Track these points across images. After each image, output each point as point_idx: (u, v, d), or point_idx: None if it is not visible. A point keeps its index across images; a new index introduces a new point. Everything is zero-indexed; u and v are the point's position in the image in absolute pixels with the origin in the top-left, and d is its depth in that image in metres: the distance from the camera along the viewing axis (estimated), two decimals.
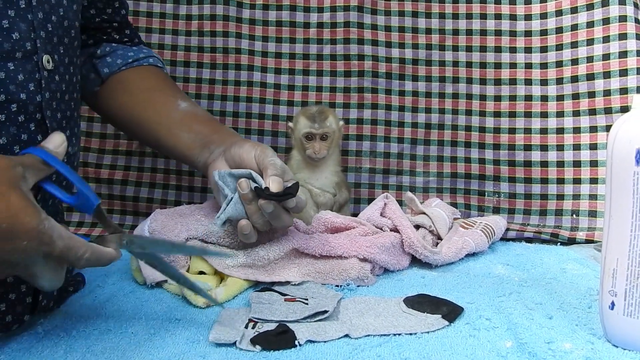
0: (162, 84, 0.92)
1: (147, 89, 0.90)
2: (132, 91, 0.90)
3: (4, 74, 0.62)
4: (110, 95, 0.90)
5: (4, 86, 0.62)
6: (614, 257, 0.58)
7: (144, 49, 0.96)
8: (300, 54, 1.18)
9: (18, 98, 0.63)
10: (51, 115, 0.68)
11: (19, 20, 0.63)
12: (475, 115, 1.14)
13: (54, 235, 0.55)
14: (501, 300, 0.72)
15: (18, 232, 0.52)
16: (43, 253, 0.55)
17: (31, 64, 0.65)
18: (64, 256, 0.56)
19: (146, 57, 0.94)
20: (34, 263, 0.55)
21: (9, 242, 0.52)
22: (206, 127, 0.87)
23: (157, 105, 0.89)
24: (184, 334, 0.64)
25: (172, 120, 0.87)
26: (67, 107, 0.73)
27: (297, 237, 0.81)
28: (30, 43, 0.65)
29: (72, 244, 0.56)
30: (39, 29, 0.66)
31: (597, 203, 1.07)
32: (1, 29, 0.62)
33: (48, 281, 0.57)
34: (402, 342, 0.61)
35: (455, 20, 1.14)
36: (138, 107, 0.89)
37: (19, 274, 0.56)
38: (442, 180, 1.16)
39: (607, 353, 0.58)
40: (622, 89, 1.05)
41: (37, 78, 0.66)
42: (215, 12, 1.18)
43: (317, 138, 1.00)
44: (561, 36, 1.10)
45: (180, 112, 0.87)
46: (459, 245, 0.90)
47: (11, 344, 0.63)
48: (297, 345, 0.60)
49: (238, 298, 0.76)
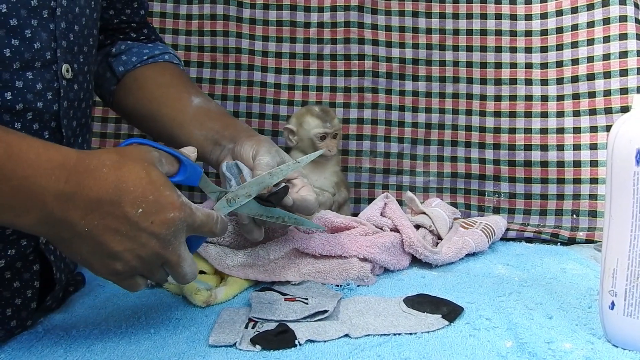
0: (177, 80, 0.91)
1: (162, 86, 0.89)
2: (147, 88, 0.89)
3: (22, 83, 0.62)
4: (126, 93, 0.89)
5: (22, 95, 0.62)
6: (614, 257, 0.58)
7: (159, 45, 0.95)
8: (300, 53, 1.18)
9: (35, 107, 0.63)
10: (67, 124, 0.68)
11: (41, 29, 0.63)
12: (475, 115, 1.14)
13: (192, 207, 0.58)
14: (501, 300, 0.72)
15: (164, 204, 0.55)
16: (186, 225, 0.57)
17: (50, 73, 0.65)
18: (203, 226, 0.59)
19: (162, 53, 0.92)
20: (180, 241, 0.57)
21: (158, 214, 0.55)
22: (218, 123, 0.85)
23: (171, 101, 0.88)
24: (184, 334, 0.64)
25: (186, 117, 0.86)
26: (83, 115, 0.73)
27: (297, 237, 0.81)
28: (50, 52, 0.65)
29: (207, 212, 0.60)
30: (61, 39, 0.66)
31: (597, 203, 1.07)
32: (23, 39, 0.61)
33: (189, 266, 0.59)
34: (402, 342, 0.61)
35: (455, 20, 1.14)
36: (152, 104, 0.88)
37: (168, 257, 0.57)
38: (442, 180, 1.16)
39: (607, 353, 0.58)
40: (623, 89, 1.05)
41: (56, 87, 0.66)
42: (215, 12, 1.18)
43: (329, 137, 1.02)
44: (561, 36, 1.10)
45: (193, 108, 0.86)
46: (459, 245, 0.90)
47: (11, 343, 0.63)
48: (297, 345, 0.60)
49: (238, 297, 0.76)
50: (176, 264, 0.58)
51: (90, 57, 0.74)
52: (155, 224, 0.55)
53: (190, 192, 1.19)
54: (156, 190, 0.55)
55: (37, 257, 0.67)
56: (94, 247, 0.54)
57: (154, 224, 0.55)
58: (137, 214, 0.54)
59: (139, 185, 0.54)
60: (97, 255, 0.55)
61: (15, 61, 0.61)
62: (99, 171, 0.54)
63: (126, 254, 0.55)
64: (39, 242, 0.66)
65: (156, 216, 0.55)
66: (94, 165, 0.54)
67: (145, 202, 0.54)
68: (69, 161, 0.53)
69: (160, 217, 0.55)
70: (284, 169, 0.70)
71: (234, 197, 0.67)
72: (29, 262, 0.66)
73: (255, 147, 0.77)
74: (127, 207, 0.54)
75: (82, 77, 0.71)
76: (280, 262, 0.80)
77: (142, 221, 0.54)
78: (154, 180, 0.56)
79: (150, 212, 0.54)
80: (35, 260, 0.67)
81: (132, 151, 0.58)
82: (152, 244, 0.55)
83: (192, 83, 0.94)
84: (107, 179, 0.54)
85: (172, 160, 0.61)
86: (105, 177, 0.54)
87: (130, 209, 0.54)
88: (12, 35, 0.60)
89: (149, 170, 0.56)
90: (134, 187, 0.54)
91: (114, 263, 0.55)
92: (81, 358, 0.59)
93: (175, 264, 0.58)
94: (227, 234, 0.81)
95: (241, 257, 0.80)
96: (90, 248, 0.55)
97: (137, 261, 0.56)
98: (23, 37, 0.61)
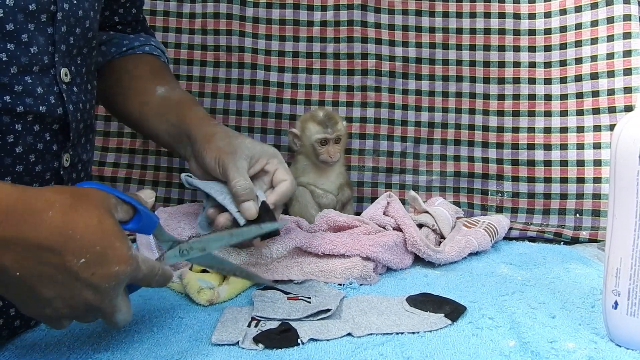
0: (148, 72, 0.88)
1: (133, 78, 0.87)
2: (120, 80, 0.87)
3: (22, 87, 0.62)
4: (103, 85, 0.87)
5: (21, 99, 0.62)
6: (618, 256, 0.58)
7: (141, 36, 0.93)
8: (303, 52, 1.18)
9: (37, 110, 0.63)
10: (75, 127, 0.68)
11: (38, 34, 0.63)
12: (478, 114, 1.14)
13: (139, 260, 0.55)
14: (504, 299, 0.72)
15: (110, 256, 0.52)
16: (130, 278, 0.54)
17: (48, 77, 0.65)
18: (144, 279, 0.57)
19: (142, 45, 0.91)
20: (118, 293, 0.54)
21: (102, 267, 0.51)
22: (175, 115, 0.82)
23: (137, 94, 0.85)
24: (187, 332, 0.64)
25: (150, 109, 0.84)
26: (88, 117, 0.73)
27: (300, 236, 0.81)
28: (48, 57, 0.65)
29: (151, 265, 0.57)
30: (60, 43, 0.66)
31: (601, 202, 1.06)
32: (19, 43, 0.61)
33: (124, 315, 0.56)
34: (405, 341, 0.61)
35: (459, 19, 1.14)
36: (122, 97, 0.86)
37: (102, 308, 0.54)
38: (445, 179, 1.16)
39: (610, 352, 0.58)
40: (626, 88, 1.05)
41: (56, 91, 0.65)
42: (218, 10, 1.18)
43: (331, 142, 1.01)
44: (565, 35, 1.10)
45: (157, 99, 0.84)
46: (461, 244, 0.90)
47: (15, 341, 0.63)
48: (300, 344, 0.60)
49: (241, 296, 0.76)
50: (110, 314, 0.55)
51: (89, 58, 0.74)
52: (97, 275, 0.51)
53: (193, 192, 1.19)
54: (105, 240, 0.52)
55: None
56: (24, 291, 0.51)
57: (95, 276, 0.51)
58: (78, 263, 0.50)
59: (86, 233, 0.51)
60: (27, 299, 0.52)
61: (12, 65, 0.61)
62: (44, 213, 0.50)
63: (56, 301, 0.52)
64: None
65: (99, 268, 0.51)
66: (40, 207, 0.50)
67: (90, 252, 0.51)
68: (10, 202, 0.49)
69: (103, 270, 0.51)
70: (245, 231, 0.69)
71: (187, 249, 0.64)
72: None
73: (220, 163, 0.75)
74: (69, 255, 0.50)
75: (80, 79, 0.71)
76: (283, 261, 0.80)
77: (82, 271, 0.50)
78: (105, 230, 0.52)
79: (93, 264, 0.51)
80: None
81: (88, 194, 0.54)
82: (87, 295, 0.52)
83: (165, 73, 0.90)
84: (51, 224, 0.50)
85: (128, 208, 0.58)
86: (50, 221, 0.50)
87: (72, 258, 0.50)
88: (8, 40, 0.60)
89: (102, 218, 0.53)
90: (81, 235, 0.50)
91: (42, 308, 0.52)
92: (84, 356, 0.59)
93: (109, 314, 0.55)
94: None
95: (244, 256, 0.80)
96: (20, 291, 0.51)
97: (68, 309, 0.52)
98: (19, 41, 0.61)
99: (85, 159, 0.75)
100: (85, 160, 0.75)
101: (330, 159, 1.01)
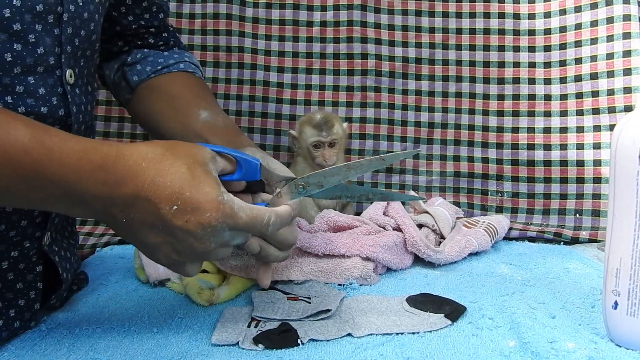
0: (188, 91, 0.89)
1: (171, 98, 0.87)
2: (157, 100, 0.87)
3: (23, 87, 0.62)
4: (139, 103, 0.88)
5: (22, 99, 0.61)
6: (618, 256, 0.58)
7: (175, 53, 0.92)
8: (303, 52, 1.18)
9: (38, 111, 0.63)
10: (76, 128, 0.68)
11: (45, 34, 0.63)
12: (478, 114, 1.14)
13: (235, 207, 0.56)
14: (504, 299, 0.72)
15: (200, 202, 0.54)
16: (227, 226, 0.56)
17: (53, 78, 0.65)
18: (250, 227, 0.58)
19: (176, 62, 0.90)
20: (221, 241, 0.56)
21: (193, 214, 0.53)
22: (222, 139, 0.83)
23: (178, 115, 0.86)
24: (187, 333, 0.64)
25: (191, 131, 0.84)
26: (89, 118, 0.73)
27: (300, 236, 0.81)
28: (54, 57, 0.65)
29: (255, 213, 0.58)
30: (66, 44, 0.66)
31: (601, 202, 1.06)
32: (26, 43, 0.61)
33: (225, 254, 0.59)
34: (405, 341, 0.61)
35: (458, 19, 1.14)
36: (161, 117, 0.86)
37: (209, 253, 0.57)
38: (445, 179, 1.16)
39: (610, 353, 0.58)
40: (626, 88, 1.05)
41: (60, 92, 0.65)
42: (218, 11, 1.18)
43: (326, 146, 1.01)
44: (565, 35, 1.10)
45: (199, 123, 0.84)
46: (461, 244, 0.90)
47: (15, 341, 0.63)
48: (300, 344, 0.60)
49: (241, 297, 0.76)
50: (213, 257, 0.59)
51: (92, 60, 0.74)
52: (191, 222, 0.54)
53: None
54: (195, 186, 0.54)
55: (40, 258, 0.67)
56: (135, 237, 0.57)
57: (189, 223, 0.54)
58: (171, 210, 0.53)
59: (177, 180, 0.54)
60: (141, 245, 0.57)
61: (17, 66, 0.60)
62: (138, 165, 0.54)
63: (164, 247, 0.56)
64: (42, 244, 0.67)
65: (191, 215, 0.54)
66: (134, 160, 0.54)
67: (181, 199, 0.53)
68: (108, 161, 0.54)
69: (195, 217, 0.54)
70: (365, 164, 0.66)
71: (304, 183, 0.64)
72: (32, 263, 0.66)
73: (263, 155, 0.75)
74: (162, 203, 0.53)
75: (82, 81, 0.71)
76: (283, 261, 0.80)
77: (176, 219, 0.54)
78: (196, 176, 0.55)
79: (185, 210, 0.54)
80: (38, 261, 0.67)
81: (181, 147, 0.58)
82: (189, 241, 0.55)
83: (205, 93, 0.91)
84: (144, 173, 0.54)
85: (227, 160, 0.61)
86: (144, 171, 0.54)
87: (165, 205, 0.53)
88: (15, 40, 0.60)
89: (192, 166, 0.55)
90: (171, 181, 0.54)
91: (155, 253, 0.57)
92: (84, 356, 0.59)
93: (213, 257, 0.59)
94: None
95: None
96: (133, 237, 0.57)
97: (176, 254, 0.56)
98: (26, 41, 0.61)
99: None
100: None
101: (325, 162, 1.01)
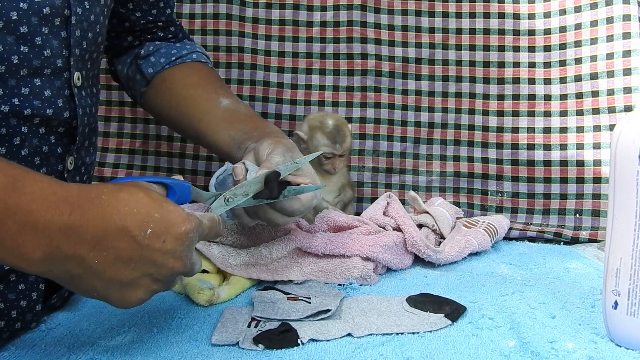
0: (205, 80, 0.90)
1: (190, 86, 0.88)
2: (175, 89, 0.89)
3: (29, 89, 0.62)
4: (155, 95, 0.90)
5: (29, 101, 0.62)
6: (618, 256, 0.58)
7: (187, 44, 0.95)
8: (303, 52, 1.18)
9: (43, 113, 0.63)
10: (81, 130, 0.68)
11: (52, 37, 0.63)
12: (478, 114, 1.14)
13: (198, 216, 0.57)
14: (504, 299, 0.72)
15: (172, 219, 0.54)
16: (198, 235, 0.56)
17: (60, 80, 0.65)
18: (211, 231, 0.59)
19: (189, 53, 0.92)
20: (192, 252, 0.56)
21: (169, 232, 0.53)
22: (247, 124, 0.84)
23: (198, 102, 0.87)
24: (187, 333, 0.64)
25: (213, 118, 0.85)
26: (94, 120, 0.74)
27: (300, 236, 0.81)
28: (62, 60, 0.65)
29: (210, 216, 0.59)
30: (75, 47, 0.66)
31: (601, 202, 1.06)
32: (33, 46, 0.61)
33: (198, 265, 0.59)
34: (405, 341, 0.61)
35: (458, 19, 1.14)
36: (180, 106, 0.88)
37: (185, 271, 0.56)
38: (445, 179, 1.15)
39: (610, 352, 0.58)
40: (626, 88, 1.04)
41: (66, 94, 0.65)
42: (218, 11, 1.18)
43: (337, 156, 1.01)
44: (565, 35, 1.10)
45: (221, 109, 0.85)
46: (461, 244, 0.90)
47: (15, 341, 0.63)
48: (300, 344, 0.60)
49: (241, 297, 0.76)
50: (190, 272, 0.57)
51: (97, 62, 0.75)
52: (168, 241, 0.53)
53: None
54: (159, 207, 0.53)
55: None
56: (108, 280, 0.52)
57: (167, 242, 0.53)
58: (146, 235, 0.52)
59: (141, 205, 0.53)
60: (114, 287, 0.53)
61: (23, 68, 0.61)
62: (98, 199, 0.52)
63: (143, 281, 0.53)
64: None
65: (166, 234, 0.53)
66: (94, 194, 0.52)
67: (153, 221, 0.52)
68: (72, 193, 0.51)
69: (171, 233, 0.53)
70: (282, 168, 0.70)
71: (231, 196, 0.66)
72: None
73: (272, 147, 0.76)
74: (135, 230, 0.51)
75: (86, 83, 0.71)
76: (282, 261, 0.80)
77: (153, 242, 0.52)
78: (155, 199, 0.54)
79: (159, 232, 0.52)
80: None
81: (122, 184, 0.56)
82: (168, 263, 0.53)
83: (221, 82, 0.93)
84: (108, 205, 0.51)
85: (158, 187, 0.61)
86: (107, 204, 0.52)
87: (139, 232, 0.52)
88: (22, 42, 0.60)
89: (147, 192, 0.54)
90: (137, 208, 0.52)
91: (134, 291, 0.54)
92: (84, 356, 0.59)
93: (189, 272, 0.57)
94: (230, 233, 0.81)
95: (244, 257, 0.80)
96: (105, 282, 0.52)
97: (157, 284, 0.55)
98: (33, 44, 0.61)
99: (89, 161, 0.76)
100: (88, 163, 0.75)
101: (333, 171, 1.01)
